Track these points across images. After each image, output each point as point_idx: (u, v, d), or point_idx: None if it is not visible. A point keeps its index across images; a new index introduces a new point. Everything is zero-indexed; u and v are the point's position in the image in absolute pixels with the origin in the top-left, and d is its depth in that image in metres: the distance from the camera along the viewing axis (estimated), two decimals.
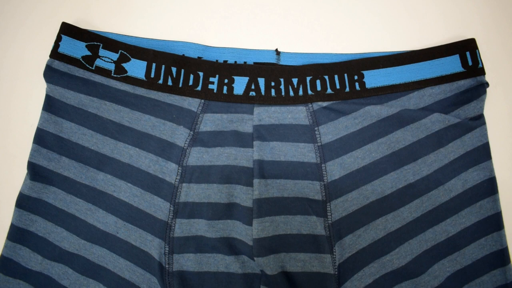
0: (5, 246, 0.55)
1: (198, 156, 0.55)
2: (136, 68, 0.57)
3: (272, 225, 0.54)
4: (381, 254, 0.54)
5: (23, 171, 0.57)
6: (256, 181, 0.54)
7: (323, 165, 0.55)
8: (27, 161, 0.56)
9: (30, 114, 0.59)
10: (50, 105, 0.57)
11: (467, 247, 0.55)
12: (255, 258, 0.53)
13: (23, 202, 0.55)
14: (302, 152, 0.55)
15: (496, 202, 0.55)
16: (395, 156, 0.56)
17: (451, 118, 0.56)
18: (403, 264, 0.54)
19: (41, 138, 0.56)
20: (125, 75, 0.57)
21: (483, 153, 0.56)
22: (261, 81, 0.56)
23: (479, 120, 0.56)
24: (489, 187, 0.55)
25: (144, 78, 0.57)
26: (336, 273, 0.53)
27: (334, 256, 0.54)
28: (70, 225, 0.55)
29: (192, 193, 0.55)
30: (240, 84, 0.56)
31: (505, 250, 0.55)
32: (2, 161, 0.59)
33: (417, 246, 0.54)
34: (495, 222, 0.55)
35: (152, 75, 0.57)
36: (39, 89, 0.59)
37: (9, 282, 0.54)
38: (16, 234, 0.55)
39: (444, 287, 0.54)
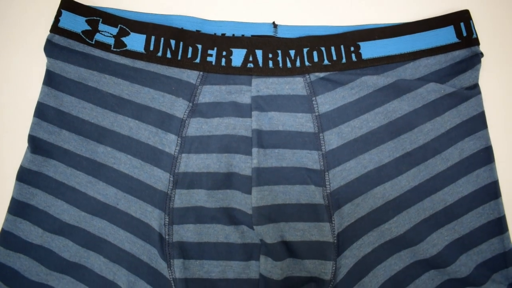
0: (6, 220, 0.55)
1: (197, 127, 0.56)
2: (135, 42, 0.57)
3: (271, 194, 0.55)
4: (380, 222, 0.55)
5: (23, 145, 0.57)
6: (254, 150, 0.55)
7: (321, 134, 0.56)
8: (28, 135, 0.56)
9: (30, 88, 0.60)
10: (51, 79, 0.57)
11: (464, 216, 0.55)
12: (254, 227, 0.54)
13: (24, 176, 0.56)
14: (300, 122, 0.56)
15: (493, 170, 0.56)
16: (392, 126, 0.56)
17: (447, 87, 0.56)
18: (402, 233, 0.54)
19: (42, 111, 0.57)
20: (125, 49, 0.57)
21: (479, 122, 0.57)
22: (259, 53, 0.57)
23: (474, 89, 0.57)
24: (486, 156, 0.56)
25: (143, 51, 0.57)
26: (335, 241, 0.54)
27: (333, 225, 0.54)
28: (71, 197, 0.55)
29: (192, 163, 0.55)
30: (238, 56, 0.57)
31: (502, 218, 0.55)
32: (2, 134, 0.59)
33: (415, 215, 0.55)
34: (492, 190, 0.56)
35: (151, 48, 0.57)
36: (39, 64, 0.59)
37: (9, 256, 0.55)
38: (16, 207, 0.55)
39: (442, 256, 0.54)
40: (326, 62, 0.57)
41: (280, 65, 0.57)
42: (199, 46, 0.57)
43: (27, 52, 0.61)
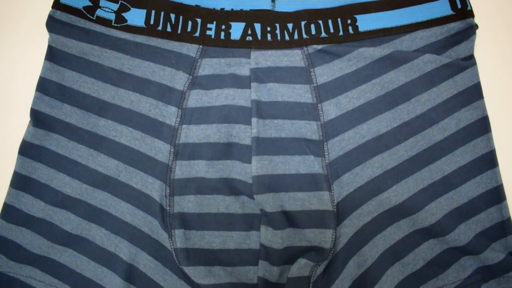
0: (8, 194, 0.56)
1: (197, 98, 0.57)
2: (136, 16, 0.58)
3: (270, 164, 0.55)
4: (378, 191, 0.55)
5: (26, 119, 0.58)
6: (254, 119, 0.56)
7: (319, 105, 0.57)
8: (30, 109, 0.57)
9: (32, 63, 0.60)
10: (52, 54, 0.58)
11: (462, 185, 0.55)
12: (254, 196, 0.54)
13: (26, 150, 0.56)
14: (299, 93, 0.57)
15: (490, 140, 0.56)
16: (389, 96, 0.57)
17: (443, 58, 0.57)
18: (400, 202, 0.55)
19: (44, 86, 0.57)
20: (125, 24, 0.58)
21: (475, 92, 0.57)
22: (257, 26, 0.58)
23: (469, 60, 0.58)
24: (482, 125, 0.57)
25: (143, 25, 0.58)
26: (335, 210, 0.54)
27: (333, 194, 0.55)
28: (72, 170, 0.56)
29: (192, 134, 0.56)
30: (237, 30, 0.58)
31: (500, 187, 0.55)
32: (5, 109, 0.60)
33: (413, 184, 0.55)
34: (490, 160, 0.56)
35: (152, 22, 0.58)
36: (41, 39, 0.60)
37: (11, 230, 0.55)
38: (19, 181, 0.56)
39: (441, 224, 0.54)
40: (323, 34, 0.58)
41: (278, 38, 0.58)
42: (199, 20, 0.58)
43: (29, 27, 0.62)
